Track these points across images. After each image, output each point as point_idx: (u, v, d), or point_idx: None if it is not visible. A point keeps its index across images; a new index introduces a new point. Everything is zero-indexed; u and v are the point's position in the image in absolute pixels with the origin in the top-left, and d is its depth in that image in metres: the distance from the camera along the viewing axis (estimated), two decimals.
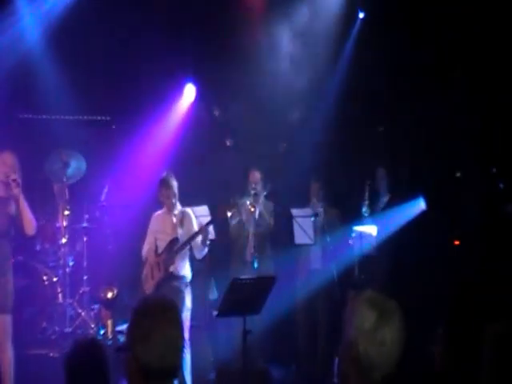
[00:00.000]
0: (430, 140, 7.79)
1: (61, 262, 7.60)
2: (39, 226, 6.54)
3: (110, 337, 7.22)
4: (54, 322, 7.32)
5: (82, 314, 7.48)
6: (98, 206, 7.84)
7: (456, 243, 7.82)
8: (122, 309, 7.32)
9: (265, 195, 7.43)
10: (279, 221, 7.41)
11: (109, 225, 7.87)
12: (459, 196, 7.72)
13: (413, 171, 7.81)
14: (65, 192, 7.65)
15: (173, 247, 6.35)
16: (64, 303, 7.46)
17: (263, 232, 7.35)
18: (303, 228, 7.10)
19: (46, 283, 7.45)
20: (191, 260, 6.54)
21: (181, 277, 6.37)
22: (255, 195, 7.33)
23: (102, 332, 7.35)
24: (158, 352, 2.29)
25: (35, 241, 7.51)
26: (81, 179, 7.84)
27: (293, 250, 7.35)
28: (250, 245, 7.29)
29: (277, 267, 7.22)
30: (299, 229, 7.13)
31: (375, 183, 7.51)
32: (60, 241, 7.58)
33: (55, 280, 7.50)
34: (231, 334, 6.88)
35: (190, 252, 6.48)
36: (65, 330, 7.27)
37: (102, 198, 7.82)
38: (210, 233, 7.00)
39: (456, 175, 7.98)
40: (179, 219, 6.48)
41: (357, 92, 8.02)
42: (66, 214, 7.55)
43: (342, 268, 7.18)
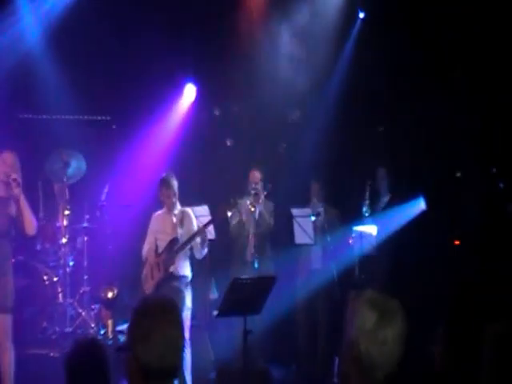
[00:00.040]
0: (430, 140, 7.79)
1: (61, 262, 7.60)
2: (40, 226, 6.55)
3: (111, 337, 7.23)
4: (55, 322, 7.32)
5: (83, 314, 7.48)
6: (99, 206, 7.83)
7: (456, 243, 7.81)
8: (123, 309, 7.31)
9: (265, 195, 7.44)
10: (279, 221, 7.41)
11: (109, 225, 7.86)
12: (459, 196, 7.71)
13: (413, 171, 7.80)
14: (65, 192, 7.66)
15: (173, 247, 6.35)
16: (64, 303, 7.47)
17: (263, 232, 7.35)
18: (303, 228, 7.10)
19: (47, 283, 7.45)
20: (191, 260, 6.55)
21: (181, 277, 6.37)
22: (255, 195, 7.33)
23: (103, 332, 7.36)
24: (158, 352, 2.29)
25: (36, 240, 7.51)
26: (81, 179, 7.85)
27: (293, 250, 7.35)
28: (251, 245, 7.28)
29: (277, 267, 7.22)
30: (299, 229, 7.13)
31: (376, 183, 7.51)
32: (60, 241, 7.59)
33: (55, 280, 7.50)
34: (231, 334, 6.88)
35: (190, 252, 6.48)
36: (65, 330, 7.28)
37: (103, 198, 7.81)
38: (210, 233, 7.02)
39: (456, 175, 7.98)
40: (179, 219, 6.48)
41: (357, 92, 8.02)
42: (67, 214, 7.56)
43: (342, 268, 7.18)
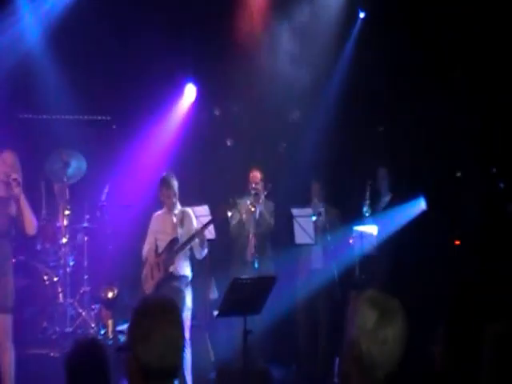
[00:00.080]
0: (430, 140, 7.79)
1: (61, 262, 7.60)
2: (40, 226, 6.55)
3: (111, 337, 7.22)
4: (55, 322, 7.32)
5: (83, 314, 7.49)
6: (99, 206, 7.83)
7: (457, 243, 7.81)
8: (123, 309, 7.31)
9: (265, 195, 7.43)
10: (279, 221, 7.40)
11: (109, 225, 7.86)
12: (459, 196, 7.72)
13: (413, 171, 7.81)
14: (65, 192, 7.66)
15: (173, 247, 6.35)
16: (64, 303, 7.47)
17: (264, 232, 7.34)
18: (304, 228, 7.10)
19: (47, 283, 7.45)
20: (192, 260, 6.55)
21: (181, 277, 6.37)
22: (256, 195, 7.32)
23: (103, 332, 7.36)
24: (158, 352, 2.29)
25: (36, 240, 7.51)
26: (81, 179, 7.85)
27: (293, 250, 7.35)
28: (251, 245, 7.28)
29: (277, 267, 7.22)
30: (300, 229, 7.12)
31: (376, 183, 7.50)
32: (60, 240, 7.59)
33: (56, 280, 7.50)
34: (232, 334, 6.88)
35: (191, 252, 6.49)
36: (65, 330, 7.28)
37: (103, 198, 7.81)
38: (210, 232, 7.02)
39: (456, 175, 7.98)
40: (179, 219, 6.48)
41: (357, 92, 8.02)
42: (67, 214, 7.56)
43: (343, 268, 7.18)
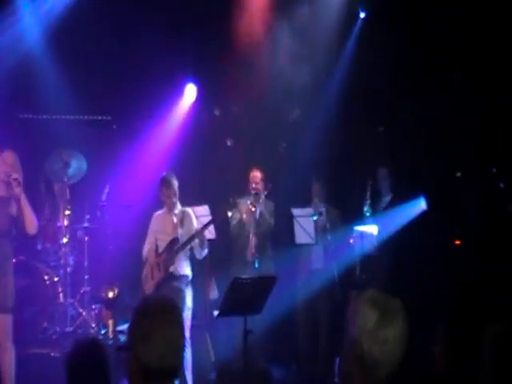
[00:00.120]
0: (430, 140, 7.79)
1: (62, 262, 7.61)
2: (40, 226, 6.54)
3: (111, 336, 7.23)
4: (55, 322, 7.33)
5: (83, 314, 7.49)
6: (99, 206, 7.83)
7: (457, 243, 7.81)
8: (123, 308, 7.30)
9: (265, 195, 7.43)
10: (280, 220, 7.40)
11: (110, 225, 7.86)
12: (459, 196, 7.72)
13: (413, 171, 7.80)
14: (66, 192, 7.66)
15: (173, 247, 6.35)
16: (65, 303, 7.48)
17: (264, 232, 7.34)
18: (304, 228, 7.10)
19: (47, 283, 7.45)
20: (192, 259, 6.55)
21: (181, 276, 6.37)
22: (256, 195, 7.32)
23: (103, 332, 7.36)
24: (159, 352, 2.29)
25: (36, 240, 7.51)
26: (82, 179, 7.85)
27: (293, 250, 7.35)
28: (251, 245, 7.27)
29: (277, 267, 7.22)
30: (300, 229, 7.12)
31: (377, 183, 7.50)
32: (61, 240, 7.59)
33: (56, 280, 7.51)
34: (232, 334, 6.88)
35: (191, 251, 6.49)
36: (66, 330, 7.28)
37: (103, 198, 7.81)
38: (211, 232, 7.02)
39: (456, 175, 7.98)
40: (180, 219, 6.48)
41: (357, 91, 8.02)
42: (67, 214, 7.57)
43: (343, 268, 7.18)
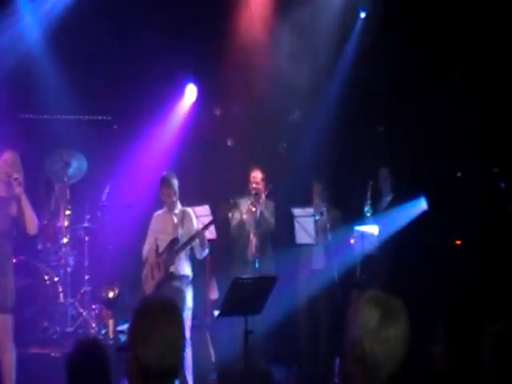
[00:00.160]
0: (430, 140, 7.79)
1: (62, 262, 7.60)
2: (41, 226, 6.54)
3: (111, 336, 7.23)
4: (56, 322, 7.33)
5: (84, 314, 7.48)
6: (100, 206, 7.84)
7: (457, 243, 7.82)
8: (124, 308, 7.30)
9: (266, 195, 7.43)
10: (280, 221, 7.40)
11: (110, 225, 7.86)
12: (460, 196, 7.72)
13: (413, 171, 7.80)
14: (66, 192, 7.66)
15: (173, 247, 6.35)
16: (65, 303, 7.47)
17: (264, 232, 7.33)
18: (305, 228, 7.10)
19: (48, 283, 7.45)
20: (192, 259, 6.55)
21: (181, 276, 6.38)
22: (256, 195, 7.32)
23: (104, 332, 7.35)
24: (159, 352, 2.29)
25: (37, 240, 7.51)
26: (82, 179, 7.85)
27: (294, 250, 7.34)
28: (252, 245, 7.27)
29: (278, 267, 7.22)
30: (300, 229, 7.12)
31: (378, 183, 7.49)
32: (61, 240, 7.58)
33: (56, 280, 7.50)
34: (232, 334, 6.87)
35: (191, 251, 6.49)
36: (66, 330, 7.28)
37: (104, 198, 7.81)
38: (211, 233, 7.03)
39: (457, 175, 7.98)
40: (180, 219, 6.49)
41: (357, 91, 8.02)
42: (68, 214, 7.56)
43: (344, 268, 7.18)
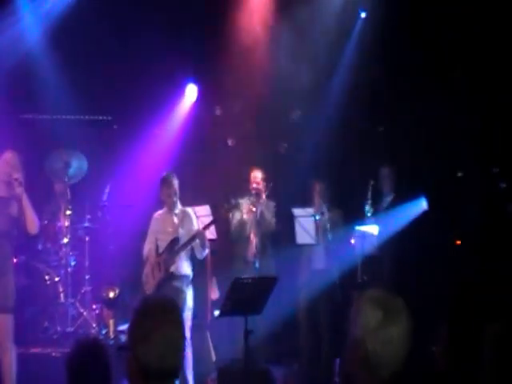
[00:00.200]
0: (431, 140, 7.79)
1: (62, 262, 7.60)
2: (41, 226, 6.54)
3: (112, 336, 7.23)
4: (56, 322, 7.33)
5: (84, 314, 7.49)
6: (100, 206, 7.84)
7: (458, 243, 7.82)
8: (124, 308, 7.31)
9: (266, 195, 7.43)
10: (280, 221, 7.40)
11: (110, 225, 7.86)
12: (460, 196, 7.72)
13: (413, 171, 7.81)
14: (66, 192, 7.67)
15: (173, 247, 6.36)
16: (66, 303, 7.47)
17: (265, 232, 7.33)
18: (305, 228, 7.09)
19: (48, 283, 7.46)
20: (192, 259, 6.55)
21: (182, 276, 6.38)
22: (256, 195, 7.32)
23: (104, 331, 7.36)
24: (159, 352, 2.29)
25: (37, 240, 7.50)
26: (82, 179, 7.86)
27: (294, 250, 7.34)
28: (252, 245, 7.28)
29: (278, 267, 7.22)
30: (301, 229, 7.11)
31: (378, 183, 7.49)
32: (62, 240, 7.58)
33: (57, 280, 7.51)
34: (233, 334, 6.88)
35: (191, 251, 6.49)
36: (66, 330, 7.28)
37: (104, 198, 7.81)
38: (212, 233, 7.03)
39: (457, 175, 7.99)
40: (180, 219, 6.49)
41: (357, 91, 8.02)
42: (68, 214, 7.56)
43: (344, 268, 7.18)
